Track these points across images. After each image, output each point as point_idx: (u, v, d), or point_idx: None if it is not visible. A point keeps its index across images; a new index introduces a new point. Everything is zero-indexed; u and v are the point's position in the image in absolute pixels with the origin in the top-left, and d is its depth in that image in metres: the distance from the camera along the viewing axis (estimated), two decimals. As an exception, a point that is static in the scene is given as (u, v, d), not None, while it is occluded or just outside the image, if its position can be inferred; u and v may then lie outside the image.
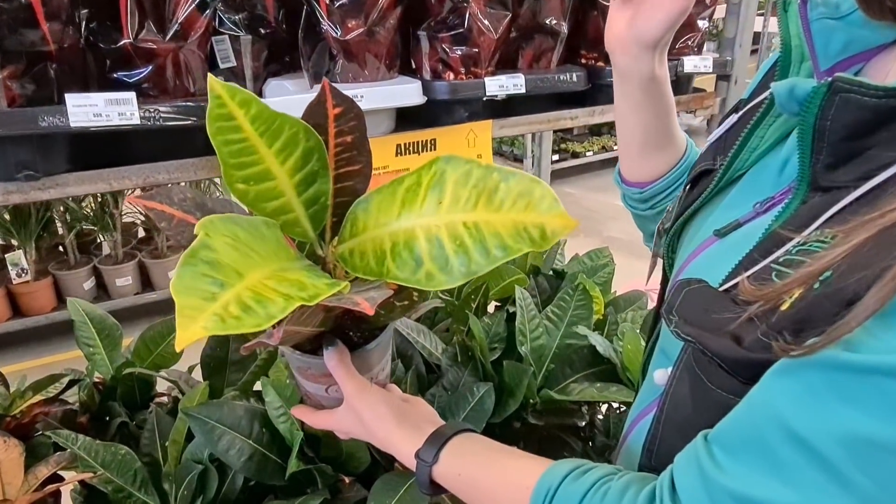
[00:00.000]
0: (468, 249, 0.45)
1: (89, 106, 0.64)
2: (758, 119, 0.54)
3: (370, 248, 0.50)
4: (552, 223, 0.45)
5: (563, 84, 0.94)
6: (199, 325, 0.36)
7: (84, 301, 1.29)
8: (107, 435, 1.18)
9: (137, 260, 2.85)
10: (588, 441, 1.37)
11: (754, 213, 0.51)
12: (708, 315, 0.45)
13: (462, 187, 0.48)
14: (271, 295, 0.40)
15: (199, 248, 0.40)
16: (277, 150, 0.48)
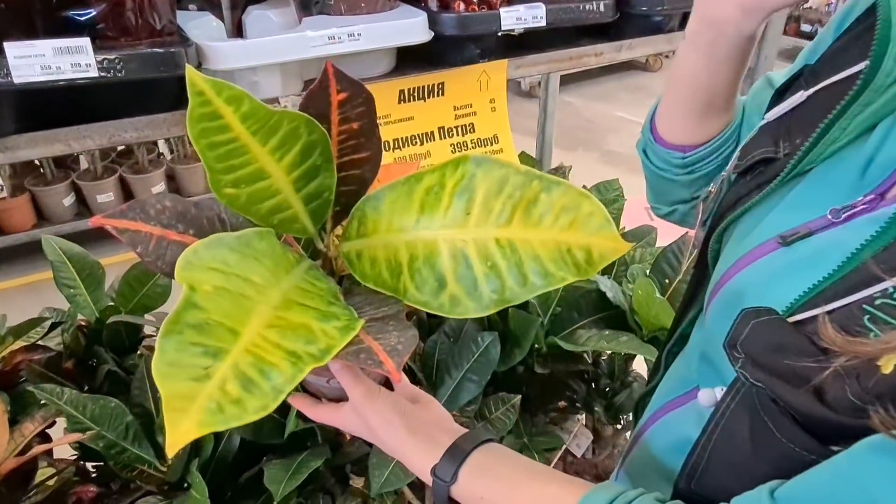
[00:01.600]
0: (501, 272, 0.39)
1: (35, 56, 0.53)
2: (843, 107, 0.44)
3: (382, 255, 0.43)
4: (601, 245, 0.38)
5: (588, 15, 0.82)
6: (191, 420, 0.30)
7: (60, 239, 1.20)
8: (95, 381, 1.13)
9: (118, 175, 2.73)
10: (591, 383, 1.35)
11: (829, 221, 0.43)
12: (780, 357, 0.38)
13: (495, 197, 0.40)
14: (275, 358, 0.34)
15: (183, 309, 0.34)
16: (273, 147, 0.40)
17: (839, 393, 0.35)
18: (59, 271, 1.19)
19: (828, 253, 0.41)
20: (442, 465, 0.51)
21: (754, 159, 0.51)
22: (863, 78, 0.43)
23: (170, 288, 1.22)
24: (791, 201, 0.47)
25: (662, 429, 0.60)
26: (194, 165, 2.85)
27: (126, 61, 0.57)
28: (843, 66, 0.47)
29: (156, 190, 2.79)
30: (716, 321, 0.50)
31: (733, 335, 0.42)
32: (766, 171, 0.50)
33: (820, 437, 0.37)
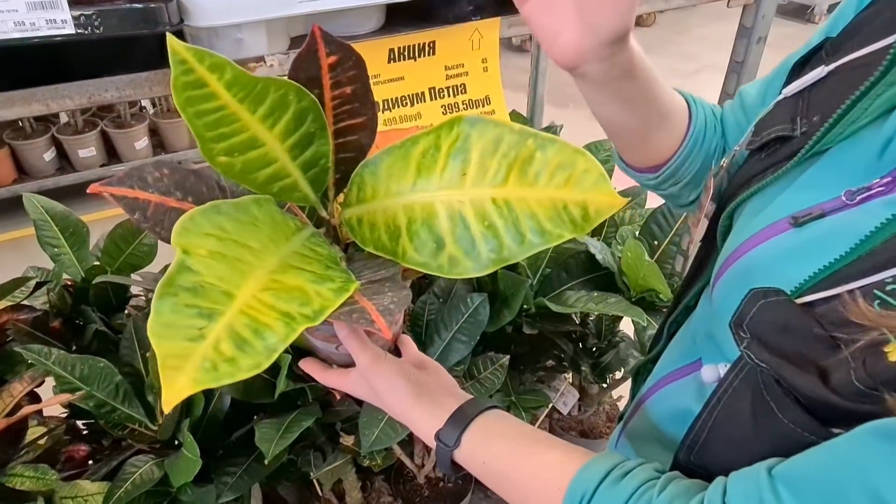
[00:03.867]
0: (498, 231, 0.39)
1: (8, 12, 0.50)
2: (868, 87, 0.42)
3: (381, 219, 0.43)
4: (597, 201, 0.38)
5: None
6: (186, 377, 0.30)
7: (42, 197, 1.18)
8: (83, 340, 1.13)
9: (100, 129, 2.66)
10: (578, 343, 1.36)
11: (843, 203, 0.42)
12: (787, 339, 0.38)
13: (490, 156, 0.40)
14: (269, 318, 0.34)
15: (178, 272, 0.33)
16: (263, 115, 0.39)
17: (844, 377, 0.35)
18: (42, 230, 1.16)
19: (840, 235, 0.40)
20: (446, 430, 0.52)
21: (770, 136, 0.50)
22: (891, 56, 0.41)
23: (156, 247, 1.20)
24: (805, 181, 0.46)
25: (664, 398, 0.60)
26: (178, 120, 2.79)
27: (104, 17, 0.54)
28: (866, 41, 0.45)
29: (139, 145, 2.74)
30: (722, 299, 0.50)
31: (740, 315, 0.41)
32: (781, 149, 0.49)
33: (821, 419, 0.37)
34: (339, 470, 1.11)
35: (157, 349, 0.31)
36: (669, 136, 0.63)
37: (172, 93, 0.36)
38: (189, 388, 0.30)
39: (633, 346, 1.33)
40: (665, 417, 0.59)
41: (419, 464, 1.34)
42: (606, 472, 0.44)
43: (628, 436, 0.68)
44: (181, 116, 1.23)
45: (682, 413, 0.55)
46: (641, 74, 0.55)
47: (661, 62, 4.72)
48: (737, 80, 1.10)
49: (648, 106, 0.59)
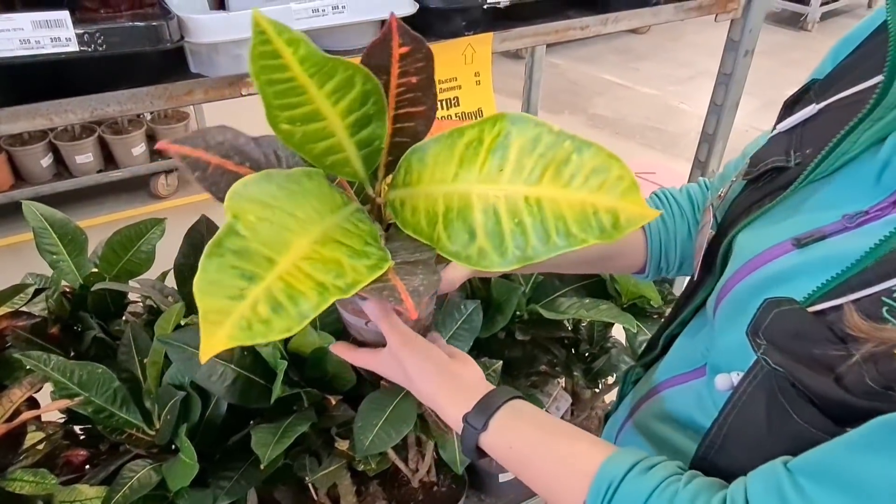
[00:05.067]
0: (526, 230, 0.40)
1: (13, 31, 0.52)
2: (856, 122, 0.46)
3: (422, 205, 0.45)
4: (627, 211, 0.39)
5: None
6: (224, 332, 0.33)
7: (41, 204, 1.19)
8: (81, 346, 1.14)
9: (97, 135, 2.67)
10: (571, 348, 1.38)
11: (842, 226, 0.45)
12: (801, 344, 0.40)
13: (528, 154, 0.41)
14: (304, 286, 0.36)
15: (226, 235, 0.36)
16: (329, 91, 0.42)
17: (857, 378, 0.37)
18: (41, 237, 1.18)
19: (843, 253, 0.43)
20: (474, 414, 0.53)
21: (766, 167, 0.53)
22: (876, 95, 0.45)
23: (154, 253, 1.22)
24: (805, 207, 0.49)
25: (661, 403, 0.63)
26: (175, 126, 2.80)
27: (106, 35, 0.56)
28: (854, 81, 0.50)
29: (136, 151, 2.75)
30: (729, 314, 0.52)
31: (756, 323, 0.43)
32: (777, 178, 0.52)
33: (834, 418, 0.39)
34: (334, 474, 1.12)
35: (200, 304, 0.33)
36: (627, 260, 0.71)
37: (249, 61, 0.38)
38: (225, 342, 0.32)
39: (624, 352, 1.34)
40: (664, 419, 0.61)
41: (413, 468, 1.35)
42: (633, 464, 0.46)
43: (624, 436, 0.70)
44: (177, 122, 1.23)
45: (683, 418, 0.57)
46: (551, 264, 0.61)
47: (656, 69, 4.76)
48: (725, 92, 1.12)
49: (582, 267, 0.70)
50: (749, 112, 3.72)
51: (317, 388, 1.01)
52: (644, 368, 0.76)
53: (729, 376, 0.49)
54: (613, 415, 0.79)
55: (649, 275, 0.73)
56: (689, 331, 0.65)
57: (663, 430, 0.61)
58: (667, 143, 3.75)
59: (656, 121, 4.00)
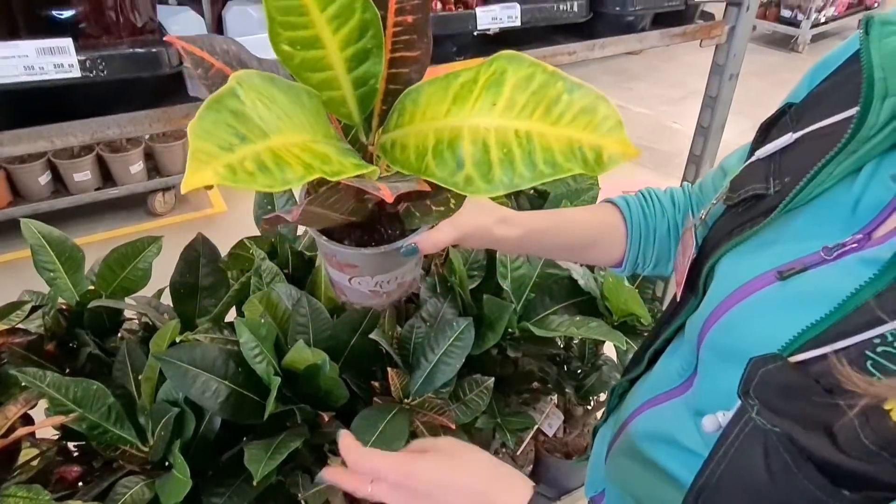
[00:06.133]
0: (514, 160, 0.41)
1: (18, 57, 0.54)
2: (832, 156, 0.48)
3: (412, 142, 0.46)
4: (611, 148, 0.40)
5: (562, 15, 0.84)
6: (209, 170, 0.32)
7: (39, 222, 1.20)
8: (76, 363, 1.15)
9: (95, 153, 2.70)
10: (562, 366, 1.39)
11: (821, 258, 0.46)
12: (792, 401, 0.41)
13: (521, 91, 0.42)
14: (292, 161, 0.37)
15: (227, 95, 0.36)
16: (331, 16, 0.42)
17: (851, 435, 0.36)
18: (39, 255, 1.19)
19: (823, 291, 0.44)
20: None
21: (747, 194, 0.55)
22: (851, 129, 0.46)
23: (150, 271, 1.23)
24: (785, 236, 0.50)
25: (647, 420, 0.64)
26: (173, 144, 2.83)
27: (108, 61, 0.58)
28: (829, 111, 0.51)
29: (134, 169, 2.77)
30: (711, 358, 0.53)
31: (745, 382, 0.44)
32: (757, 205, 0.53)
33: (831, 477, 0.38)
34: (326, 491, 1.13)
35: (192, 143, 0.33)
36: (606, 250, 0.73)
37: None
38: (210, 178, 0.33)
39: (615, 369, 1.36)
40: (647, 438, 0.62)
41: (406, 485, 1.36)
42: None
43: (613, 455, 0.71)
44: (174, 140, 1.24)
45: (665, 436, 0.59)
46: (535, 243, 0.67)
47: (649, 89, 4.82)
48: (711, 114, 1.15)
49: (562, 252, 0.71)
50: (740, 131, 3.77)
51: (310, 404, 1.02)
52: (630, 383, 0.78)
53: (715, 417, 0.49)
54: (601, 428, 0.81)
55: (626, 268, 0.74)
56: (671, 350, 0.67)
57: (648, 451, 0.62)
58: (660, 161, 3.80)
59: (649, 140, 4.04)
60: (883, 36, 0.47)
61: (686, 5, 0.97)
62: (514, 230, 0.66)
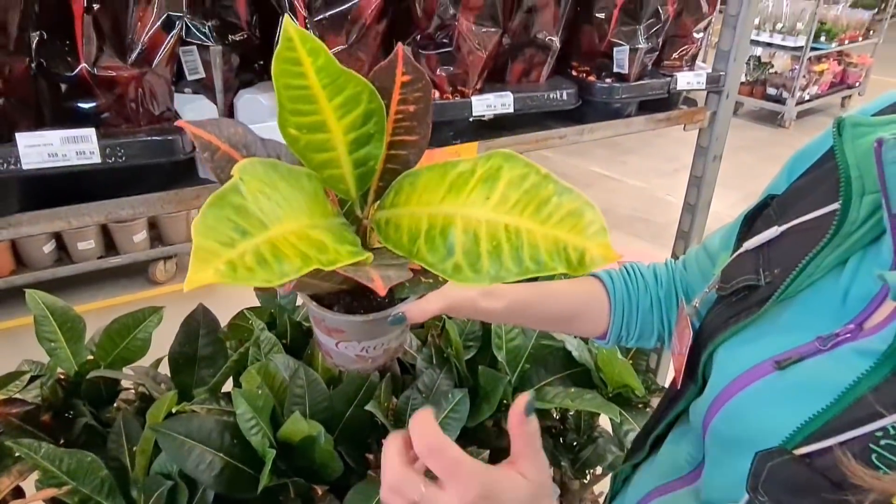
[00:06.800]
0: (502, 253, 0.43)
1: (43, 145, 0.58)
2: (819, 250, 0.50)
3: (406, 223, 0.48)
4: (594, 251, 0.42)
5: (553, 102, 0.90)
6: (211, 268, 0.35)
7: (43, 293, 1.23)
8: (72, 434, 1.15)
9: (100, 222, 2.74)
10: (558, 438, 1.39)
11: (816, 348, 0.48)
12: (801, 497, 0.41)
13: (514, 189, 0.45)
14: (290, 252, 0.39)
15: (230, 191, 0.38)
16: (337, 105, 0.46)
17: None
18: (41, 325, 1.21)
19: (822, 382, 0.45)
20: None
21: (738, 285, 0.57)
22: (834, 225, 0.50)
23: (150, 341, 1.25)
24: (779, 326, 0.52)
25: None
26: (176, 214, 2.88)
27: (127, 148, 0.62)
28: (811, 206, 0.54)
29: (137, 238, 2.82)
30: (717, 452, 0.54)
31: (753, 478, 0.45)
32: (750, 296, 0.55)
33: None
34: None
35: (195, 240, 0.35)
36: (590, 323, 0.75)
37: (273, 63, 0.42)
38: (211, 277, 0.34)
39: (611, 442, 1.35)
40: None
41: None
42: None
43: None
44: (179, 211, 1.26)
45: None
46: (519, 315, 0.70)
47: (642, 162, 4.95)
48: (697, 193, 1.20)
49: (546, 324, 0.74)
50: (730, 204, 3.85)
51: (304, 477, 1.02)
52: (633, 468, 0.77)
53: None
54: None
55: (610, 341, 0.76)
56: (674, 436, 0.67)
57: None
58: (654, 233, 3.86)
59: (644, 212, 4.13)
60: (855, 137, 0.50)
61: (668, 93, 1.03)
62: (498, 302, 0.68)
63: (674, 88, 1.02)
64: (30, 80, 0.60)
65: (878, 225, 0.48)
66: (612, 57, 0.97)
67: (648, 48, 0.98)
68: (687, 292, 0.76)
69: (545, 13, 0.86)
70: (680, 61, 1.06)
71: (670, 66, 1.07)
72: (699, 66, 1.10)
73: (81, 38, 0.61)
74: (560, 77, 0.98)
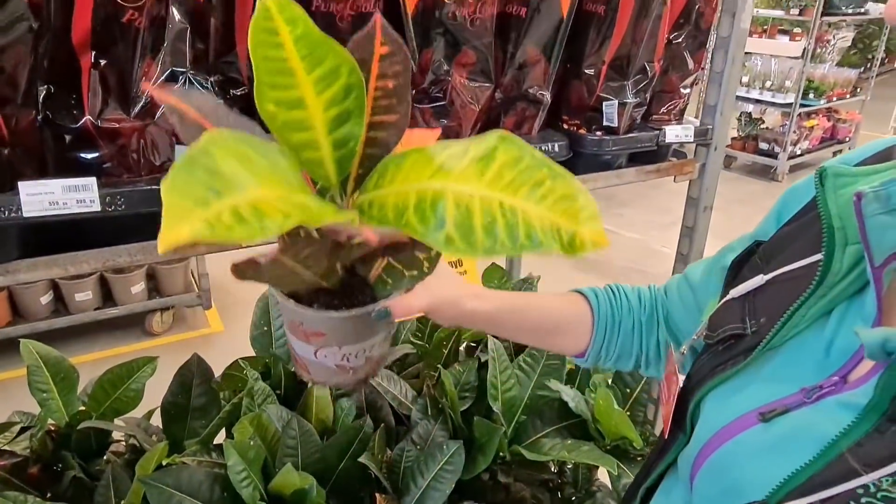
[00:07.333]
0: (497, 228, 0.42)
1: (45, 194, 0.60)
2: (803, 300, 0.51)
3: (392, 201, 0.45)
4: (585, 235, 0.42)
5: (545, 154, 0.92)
6: (186, 228, 0.32)
7: (38, 343, 1.23)
8: (59, 487, 1.13)
9: (99, 273, 2.76)
10: (556, 492, 1.36)
11: (801, 399, 0.48)
12: None
13: (509, 169, 0.43)
14: (270, 211, 0.36)
15: (199, 153, 0.35)
16: (317, 78, 0.43)
17: None
18: (35, 375, 1.20)
19: (806, 435, 0.45)
20: None
21: (725, 334, 0.57)
22: (817, 277, 0.50)
23: (143, 391, 1.24)
24: (763, 376, 0.52)
25: None
26: (174, 266, 2.90)
27: (127, 197, 0.63)
28: (794, 256, 0.55)
29: (135, 290, 2.82)
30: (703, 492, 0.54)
31: None
32: (737, 344, 0.56)
33: None
34: None
35: (166, 200, 0.33)
36: (572, 338, 0.75)
37: (250, 33, 0.40)
38: (186, 236, 0.32)
39: (609, 496, 1.32)
40: None
41: None
42: None
43: None
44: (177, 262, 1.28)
45: None
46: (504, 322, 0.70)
47: (638, 214, 5.00)
48: (689, 243, 1.21)
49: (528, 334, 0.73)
50: (729, 255, 3.88)
51: (295, 531, 1.00)
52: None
53: None
54: None
55: (588, 359, 0.75)
56: (664, 488, 0.66)
57: None
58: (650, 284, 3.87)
59: (639, 263, 4.15)
60: (837, 187, 0.51)
61: (657, 146, 1.06)
62: (485, 305, 0.68)
63: (662, 141, 1.05)
64: (35, 131, 0.62)
65: (861, 276, 0.49)
66: (602, 111, 1.00)
67: (636, 103, 1.02)
68: (667, 319, 0.76)
69: (536, 69, 0.90)
70: (668, 115, 1.09)
71: (659, 119, 1.10)
72: (688, 119, 1.13)
73: (87, 91, 0.63)
74: (551, 130, 1.01)
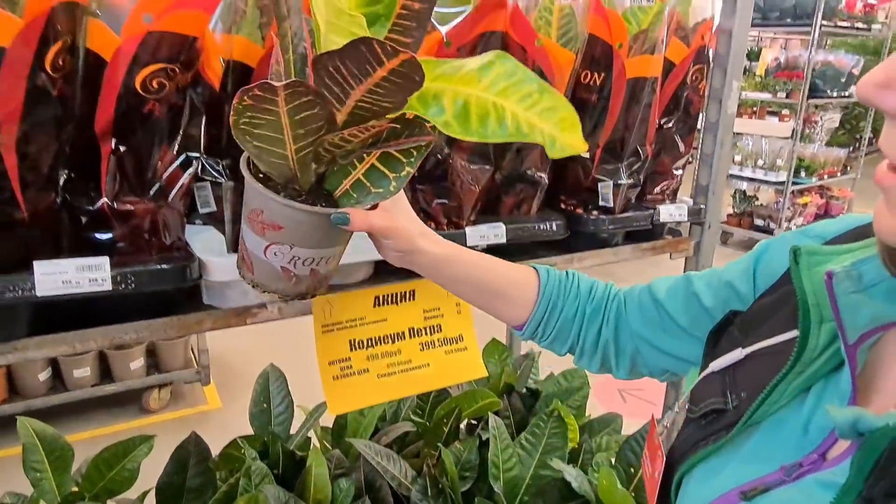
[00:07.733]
0: (489, 120, 0.50)
1: (58, 273, 0.61)
2: (781, 376, 0.51)
3: None
4: (563, 141, 0.50)
5: (543, 233, 0.95)
6: None
7: (35, 421, 1.22)
8: (44, 574, 1.09)
9: (98, 350, 2.74)
10: (562, 580, 1.31)
11: (781, 478, 0.48)
12: None
13: (503, 79, 0.51)
14: None
15: None
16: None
17: None
18: (30, 453, 1.18)
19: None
20: None
21: (707, 408, 0.57)
22: (794, 354, 0.51)
23: (138, 471, 1.21)
24: (743, 453, 0.52)
25: None
26: (174, 341, 2.89)
27: (138, 276, 0.65)
28: (772, 330, 0.56)
29: (134, 365, 2.80)
30: None
31: None
32: (718, 419, 0.56)
33: None
34: None
35: None
36: (514, 307, 0.76)
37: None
38: None
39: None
40: None
41: None
42: None
43: None
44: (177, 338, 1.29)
45: None
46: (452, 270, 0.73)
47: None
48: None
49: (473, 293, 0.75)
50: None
51: None
52: None
53: None
54: None
55: (525, 332, 0.77)
56: None
57: None
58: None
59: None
60: (811, 265, 0.52)
61: (652, 224, 1.09)
62: (436, 248, 0.71)
63: (657, 220, 1.08)
64: (54, 213, 0.65)
65: (837, 353, 0.49)
66: (598, 191, 1.03)
67: (631, 184, 1.05)
68: (618, 322, 0.76)
69: (533, 152, 0.94)
70: (662, 195, 1.13)
71: (653, 199, 1.13)
72: (681, 199, 1.17)
73: (106, 175, 0.67)
74: (549, 209, 1.04)
